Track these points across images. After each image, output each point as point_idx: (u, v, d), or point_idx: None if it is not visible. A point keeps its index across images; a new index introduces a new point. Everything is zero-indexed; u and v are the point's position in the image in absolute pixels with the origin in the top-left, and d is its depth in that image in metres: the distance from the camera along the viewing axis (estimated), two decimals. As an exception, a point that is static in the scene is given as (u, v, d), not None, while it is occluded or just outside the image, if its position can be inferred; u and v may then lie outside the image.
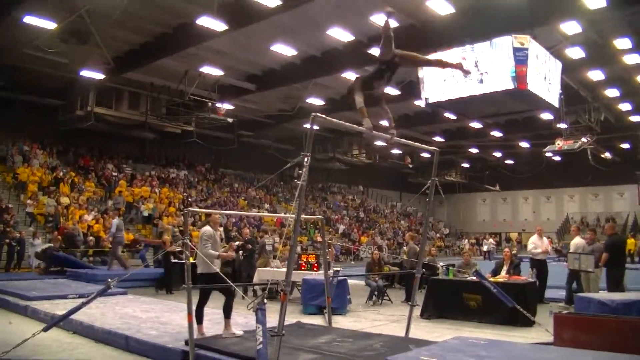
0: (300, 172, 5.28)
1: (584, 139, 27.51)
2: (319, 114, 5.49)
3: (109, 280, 6.71)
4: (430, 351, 5.67)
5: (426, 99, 18.81)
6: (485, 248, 34.76)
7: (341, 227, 35.18)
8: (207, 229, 7.56)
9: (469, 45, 16.77)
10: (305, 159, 5.27)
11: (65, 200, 22.79)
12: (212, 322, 8.43)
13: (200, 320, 7.33)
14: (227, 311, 7.38)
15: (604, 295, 8.81)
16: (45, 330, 6.82)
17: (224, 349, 6.44)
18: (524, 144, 35.49)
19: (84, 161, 27.24)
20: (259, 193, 34.50)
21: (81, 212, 22.36)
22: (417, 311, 9.31)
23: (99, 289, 7.27)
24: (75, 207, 22.66)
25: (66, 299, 10.47)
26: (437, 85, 17.92)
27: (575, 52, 18.98)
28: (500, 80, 16.34)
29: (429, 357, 5.35)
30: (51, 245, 17.47)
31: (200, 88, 23.91)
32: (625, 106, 26.73)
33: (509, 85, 16.11)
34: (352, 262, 28.73)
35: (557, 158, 36.76)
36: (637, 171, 37.24)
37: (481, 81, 16.63)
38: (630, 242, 28.50)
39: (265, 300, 5.20)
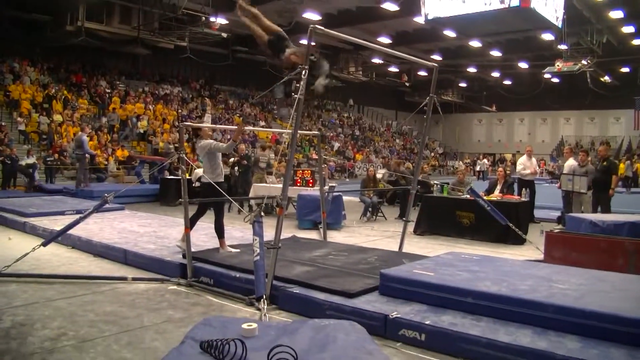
0: (298, 85, 5.18)
1: (584, 61, 27.22)
2: (318, 26, 5.32)
3: (105, 195, 6.72)
4: (423, 265, 5.78)
5: (426, 15, 18.38)
6: (478, 168, 35.01)
7: (336, 145, 35.22)
8: (207, 140, 7.38)
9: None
10: (303, 72, 5.15)
11: (58, 117, 22.59)
12: (209, 235, 8.55)
13: (221, 234, 7.38)
14: (220, 231, 7.36)
15: (595, 215, 8.94)
16: (44, 244, 6.91)
17: (221, 261, 6.54)
18: (523, 65, 35.01)
19: (76, 78, 26.78)
20: (254, 110, 34.26)
21: (75, 129, 22.19)
22: (410, 227, 9.42)
23: (96, 204, 7.31)
24: (69, 125, 22.50)
25: (64, 215, 10.52)
26: (439, 1, 17.43)
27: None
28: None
29: (422, 270, 5.46)
30: (35, 162, 17.42)
31: (193, 2, 23.20)
32: (628, 29, 26.15)
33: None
34: (347, 180, 28.96)
35: (555, 80, 36.49)
36: (636, 96, 36.97)
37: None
38: (622, 166, 28.73)
39: (262, 214, 5.24)
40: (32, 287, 6.16)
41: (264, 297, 4.88)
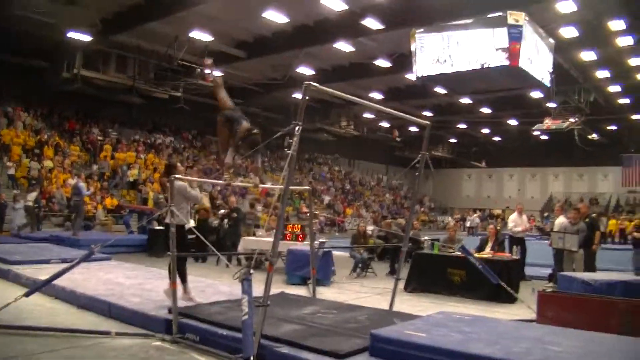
0: (291, 141, 5.17)
1: (572, 119, 27.69)
2: (312, 83, 5.35)
3: (93, 245, 6.61)
4: (415, 325, 5.65)
5: (417, 72, 18.63)
6: (469, 224, 35.00)
7: (326, 199, 35.21)
8: (181, 183, 7.27)
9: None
10: (297, 128, 5.15)
11: (49, 163, 22.53)
12: (197, 290, 8.40)
13: (184, 279, 7.29)
14: (182, 276, 7.24)
15: (587, 274, 8.86)
16: (27, 295, 6.74)
17: (207, 317, 6.38)
18: (513, 122, 35.53)
19: (69, 125, 26.85)
20: (245, 162, 34.27)
21: (65, 176, 22.12)
22: (401, 284, 9.30)
23: (82, 254, 7.17)
24: (60, 171, 22.42)
25: (49, 264, 10.32)
26: (429, 60, 17.67)
27: (569, 32, 18.90)
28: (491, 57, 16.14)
29: (413, 331, 5.34)
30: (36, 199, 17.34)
31: (189, 53, 23.55)
32: (615, 88, 26.79)
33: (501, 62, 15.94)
34: (337, 234, 28.83)
35: (544, 137, 37.01)
36: (622, 153, 37.50)
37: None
38: (612, 222, 28.87)
39: (251, 272, 5.14)
40: (12, 339, 5.98)
41: (252, 357, 4.74)
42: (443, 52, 16.91)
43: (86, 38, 21.26)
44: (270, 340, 5.41)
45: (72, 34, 20.89)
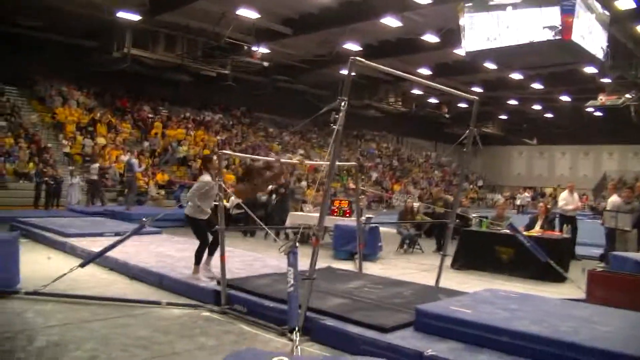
0: (337, 116, 5.18)
1: (628, 95, 26.68)
2: (358, 58, 5.32)
3: (143, 219, 6.80)
4: (461, 302, 5.64)
5: (466, 47, 18.28)
6: (519, 202, 34.40)
7: (374, 175, 35.11)
8: (206, 180, 7.48)
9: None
10: (342, 104, 5.15)
11: (102, 140, 23.15)
12: (244, 263, 8.58)
13: (198, 261, 7.50)
14: (198, 257, 7.51)
15: (640, 254, 8.65)
16: (82, 265, 7.02)
17: (255, 290, 6.52)
18: (565, 98, 34.51)
19: (121, 103, 27.50)
20: (293, 138, 34.49)
21: (118, 152, 22.70)
22: (447, 261, 9.25)
23: (134, 227, 7.39)
24: (112, 148, 23.02)
25: (103, 237, 10.69)
26: (479, 38, 17.29)
27: (626, 3, 18.09)
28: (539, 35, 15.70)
29: (459, 307, 5.33)
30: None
31: (236, 31, 23.64)
32: (675, 63, 25.62)
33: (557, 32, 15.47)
34: (384, 210, 28.74)
35: (598, 113, 35.82)
36: (681, 130, 36.05)
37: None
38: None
39: (297, 244, 5.21)
40: (67, 307, 6.25)
41: (297, 329, 4.82)
42: (493, 30, 16.57)
43: (135, 17, 21.56)
44: (316, 313, 5.50)
45: (121, 14, 21.20)
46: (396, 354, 4.57)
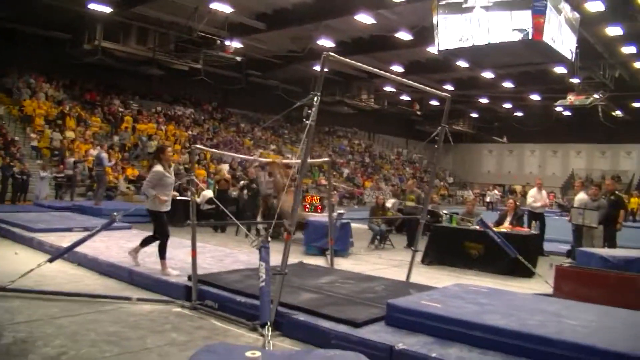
0: (310, 112, 5.18)
1: (596, 95, 27.21)
2: (331, 54, 5.33)
3: (114, 213, 6.73)
4: (431, 296, 5.70)
5: (439, 46, 18.42)
6: (488, 199, 34.86)
7: (346, 171, 35.23)
8: (157, 169, 7.47)
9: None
10: (315, 99, 5.16)
11: (70, 134, 22.78)
12: (215, 258, 8.54)
13: (163, 256, 7.48)
14: (162, 252, 7.46)
15: (605, 250, 8.82)
16: (50, 261, 6.90)
17: (226, 285, 6.49)
18: (535, 97, 35.04)
19: (91, 96, 27.10)
20: (265, 134, 34.40)
21: (87, 146, 22.38)
22: (418, 257, 9.33)
23: (102, 222, 7.30)
24: (81, 142, 22.67)
25: (71, 232, 10.51)
26: (452, 37, 17.44)
27: (595, 6, 18.41)
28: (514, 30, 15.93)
29: (429, 302, 5.38)
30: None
31: (209, 25, 23.47)
32: (640, 64, 26.22)
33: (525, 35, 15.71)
34: (356, 207, 28.88)
35: (567, 113, 36.49)
36: (647, 131, 36.93)
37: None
38: (634, 200, 28.59)
39: (269, 239, 5.21)
40: (35, 303, 6.13)
41: (269, 323, 4.82)
42: (465, 31, 16.74)
43: (107, 10, 21.26)
44: (288, 308, 5.50)
45: (92, 6, 20.88)
46: (367, 348, 4.58)
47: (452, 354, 4.43)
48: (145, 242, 7.71)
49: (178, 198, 15.44)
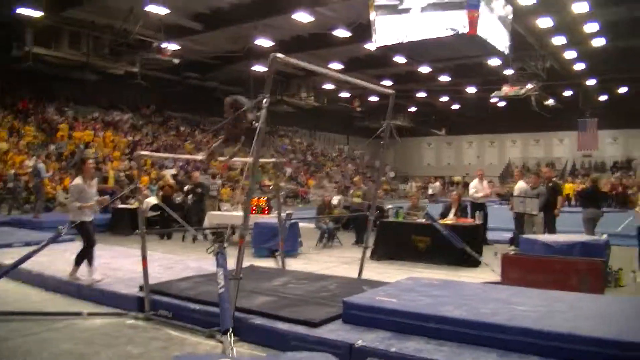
0: (258, 114, 5.17)
1: (529, 86, 28.14)
2: (279, 55, 5.31)
3: (60, 227, 6.53)
4: (385, 291, 5.80)
5: (377, 42, 18.68)
6: (430, 191, 35.47)
7: (288, 171, 35.20)
8: (76, 182, 7.63)
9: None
10: (264, 101, 5.14)
11: (3, 145, 21.89)
12: (164, 267, 8.40)
13: (78, 262, 7.63)
14: (80, 260, 7.63)
15: (547, 237, 9.15)
16: (-6, 279, 6.62)
17: (179, 293, 6.41)
18: (471, 89, 35.91)
19: (23, 104, 26.06)
20: (206, 136, 33.98)
21: (21, 157, 21.55)
22: (367, 253, 9.43)
23: (43, 235, 7.05)
24: (15, 153, 21.82)
25: (12, 247, 10.13)
26: (389, 25, 17.71)
27: (527, -1, 19.05)
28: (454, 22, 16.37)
29: (384, 297, 5.47)
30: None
31: (145, 27, 23.00)
32: (570, 54, 27.21)
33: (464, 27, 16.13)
34: (300, 206, 28.89)
35: (502, 104, 37.52)
36: (578, 118, 38.34)
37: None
38: (568, 186, 29.67)
39: (225, 244, 5.17)
40: (-19, 325, 5.89)
41: (230, 330, 4.78)
42: (402, 29, 17.09)
43: (36, 14, 20.48)
44: (244, 313, 5.48)
45: (21, 10, 20.09)
46: (327, 347, 4.63)
47: (411, 347, 4.53)
48: (79, 259, 7.66)
49: (120, 206, 15.20)
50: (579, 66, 29.31)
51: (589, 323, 4.61)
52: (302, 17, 21.67)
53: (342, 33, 23.48)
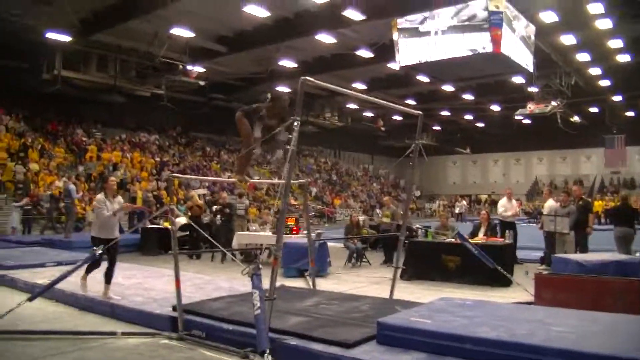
0: (290, 137, 5.23)
1: (554, 103, 27.99)
2: (309, 78, 5.39)
3: (94, 248, 6.62)
4: (419, 312, 5.75)
5: (400, 62, 18.75)
6: (457, 210, 35.27)
7: (314, 190, 35.27)
8: (99, 197, 8.09)
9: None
10: (295, 123, 5.21)
11: (34, 166, 22.34)
12: (196, 287, 8.46)
13: (108, 280, 7.85)
14: (109, 277, 7.85)
15: (580, 256, 9.03)
16: (30, 300, 6.68)
17: (212, 313, 6.44)
18: (495, 107, 35.78)
19: (52, 126, 26.62)
20: (232, 156, 34.27)
21: (51, 178, 21.95)
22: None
23: (74, 255, 7.13)
24: (46, 174, 22.24)
25: (45, 267, 10.31)
26: (412, 47, 17.80)
27: (549, 16, 19.00)
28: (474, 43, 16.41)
29: (418, 318, 5.43)
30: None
31: (170, 50, 23.40)
32: (595, 71, 27.06)
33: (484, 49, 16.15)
34: (326, 225, 28.89)
35: (527, 121, 37.34)
36: (605, 135, 37.94)
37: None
38: (597, 204, 29.29)
39: (261, 266, 5.20)
40: (16, 344, 5.95)
41: (267, 351, 4.79)
42: (425, 50, 17.21)
43: (65, 38, 21.01)
44: (278, 334, 5.47)
45: (50, 35, 20.62)
46: (362, 369, 4.62)
47: (447, 369, 4.49)
48: (108, 276, 7.88)
49: (149, 227, 15.36)
50: (604, 82, 29.07)
51: (629, 345, 4.53)
52: (325, 38, 21.89)
53: (364, 53, 23.63)
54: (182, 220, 13.92)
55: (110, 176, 9.32)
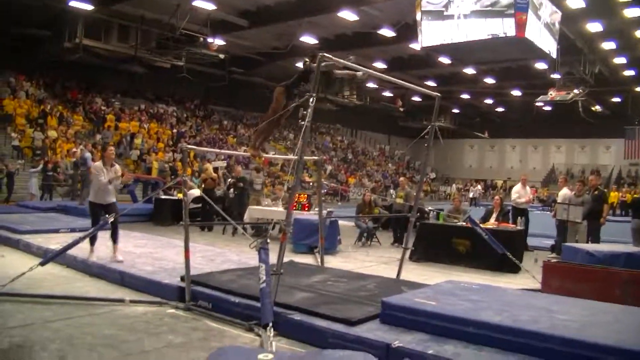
0: (305, 112, 5.22)
1: (576, 91, 27.59)
2: (326, 55, 5.36)
3: (107, 215, 6.69)
4: (424, 294, 5.77)
5: (422, 43, 18.61)
6: (471, 195, 35.11)
7: (329, 168, 35.28)
8: (97, 164, 8.44)
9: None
10: (311, 100, 5.20)
11: (52, 133, 22.54)
12: (206, 258, 8.54)
13: (115, 241, 8.19)
14: (115, 238, 8.17)
15: (591, 246, 8.97)
16: (42, 264, 6.78)
17: (219, 285, 6.49)
18: (516, 92, 35.38)
19: (72, 94, 26.82)
20: (248, 131, 34.32)
21: (69, 145, 22.15)
22: (406, 253, 9.41)
23: (88, 222, 7.20)
24: (63, 141, 22.44)
25: (58, 233, 10.46)
26: (435, 28, 17.67)
27: (575, 2, 18.65)
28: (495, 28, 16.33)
29: (423, 299, 5.45)
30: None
31: (191, 22, 23.38)
32: (620, 60, 26.62)
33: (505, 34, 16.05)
34: (339, 203, 28.92)
35: (547, 108, 36.88)
36: (626, 126, 37.39)
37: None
38: (613, 194, 28.99)
39: (268, 240, 5.23)
40: (27, 307, 6.05)
41: (270, 324, 4.84)
42: (447, 32, 17.11)
43: (88, 7, 21.09)
44: (283, 308, 5.52)
45: (73, 3, 20.70)
46: (364, 346, 4.64)
47: (448, 351, 4.50)
48: (114, 237, 8.21)
49: (162, 197, 15.47)
50: (629, 72, 28.59)
51: (635, 336, 4.51)
52: (348, 15, 21.73)
53: (387, 32, 23.43)
54: (196, 192, 14.00)
55: (109, 145, 9.47)
